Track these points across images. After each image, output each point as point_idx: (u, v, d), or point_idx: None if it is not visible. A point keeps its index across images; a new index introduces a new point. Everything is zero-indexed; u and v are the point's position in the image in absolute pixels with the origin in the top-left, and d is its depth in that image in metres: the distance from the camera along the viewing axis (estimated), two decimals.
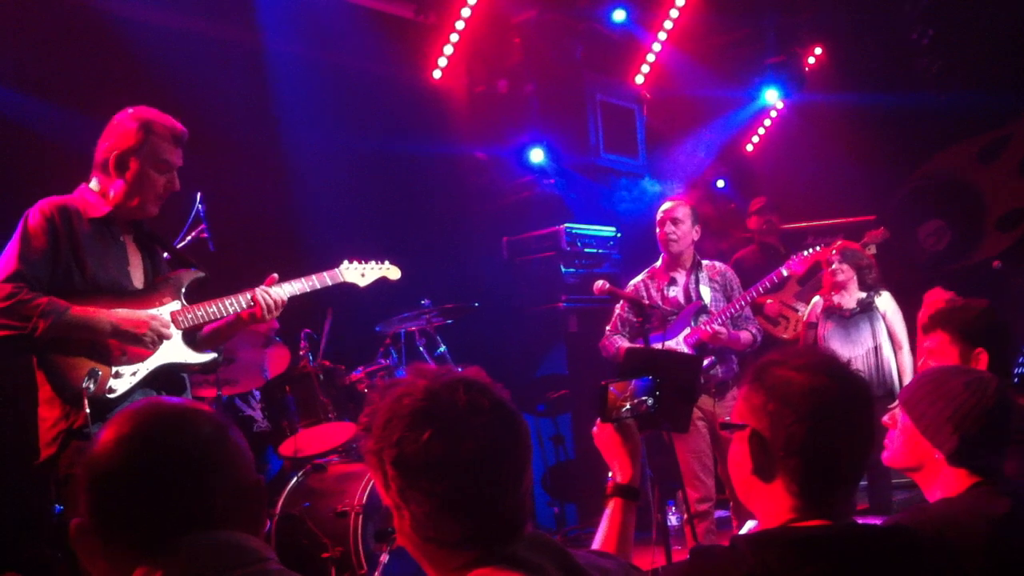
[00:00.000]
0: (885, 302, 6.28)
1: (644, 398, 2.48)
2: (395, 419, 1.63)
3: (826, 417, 1.86)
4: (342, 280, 4.31)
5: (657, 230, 5.90)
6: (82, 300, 3.55)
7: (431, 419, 1.60)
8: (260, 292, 3.89)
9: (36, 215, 3.57)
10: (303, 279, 4.10)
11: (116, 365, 3.60)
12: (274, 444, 5.63)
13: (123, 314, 3.60)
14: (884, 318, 6.23)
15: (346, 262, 4.38)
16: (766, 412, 1.91)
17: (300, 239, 6.85)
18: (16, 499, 5.06)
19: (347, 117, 7.15)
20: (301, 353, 5.72)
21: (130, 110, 3.72)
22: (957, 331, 3.51)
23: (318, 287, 4.16)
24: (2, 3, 5.50)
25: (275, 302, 3.90)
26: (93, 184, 3.74)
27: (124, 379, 3.61)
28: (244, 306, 3.88)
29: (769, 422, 1.90)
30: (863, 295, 6.28)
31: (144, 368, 3.67)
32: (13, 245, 3.52)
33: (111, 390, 3.56)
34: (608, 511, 2.36)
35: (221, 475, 1.56)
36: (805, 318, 6.56)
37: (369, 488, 4.93)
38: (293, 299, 4.04)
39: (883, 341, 6.19)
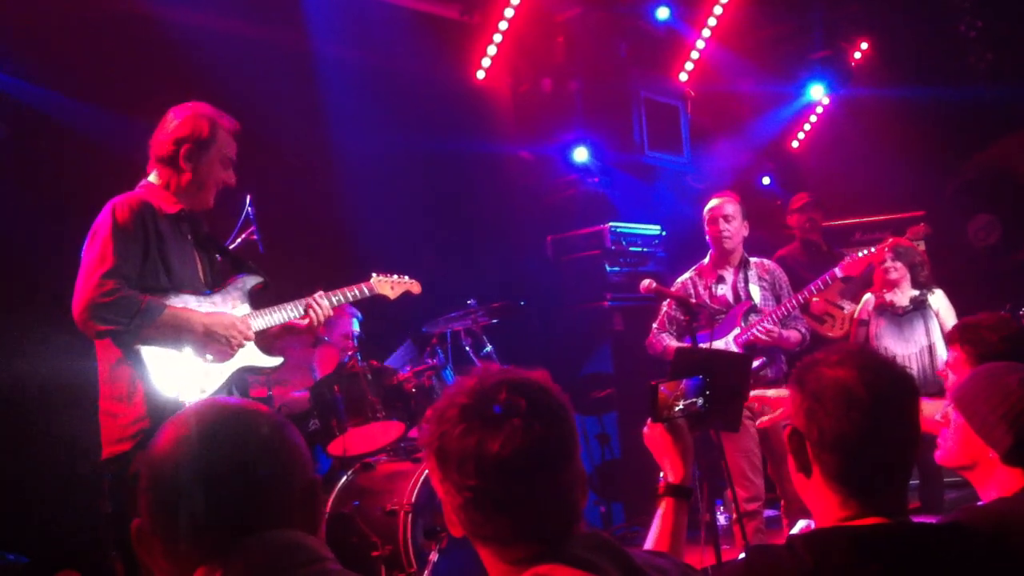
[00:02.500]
0: (938, 300, 6.21)
1: (695, 398, 2.49)
2: (444, 413, 1.68)
3: (853, 409, 1.87)
4: (376, 292, 4.54)
5: (707, 228, 5.85)
6: (167, 299, 3.62)
7: (469, 416, 1.64)
8: (313, 302, 4.04)
9: (124, 210, 3.60)
10: (344, 290, 4.30)
11: (206, 364, 3.68)
12: (323, 443, 5.68)
13: (214, 315, 3.70)
14: (937, 316, 6.16)
15: (375, 275, 4.60)
16: (803, 410, 1.93)
17: (347, 240, 6.90)
18: (70, 496, 5.15)
19: (393, 118, 7.17)
20: (349, 353, 5.76)
21: (189, 104, 3.81)
22: (974, 352, 3.28)
23: (358, 297, 4.41)
24: (54, 9, 5.59)
25: (327, 312, 4.07)
26: (153, 178, 3.80)
27: (213, 378, 3.70)
28: (300, 313, 4.03)
29: (804, 419, 1.93)
30: (915, 293, 6.21)
31: (228, 369, 3.76)
32: (105, 240, 3.55)
33: (202, 390, 3.64)
34: (660, 511, 2.36)
35: (279, 475, 1.58)
36: (856, 315, 6.50)
37: (418, 487, 4.96)
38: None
39: (937, 339, 6.10)
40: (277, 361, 4.00)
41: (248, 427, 1.59)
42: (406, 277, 4.82)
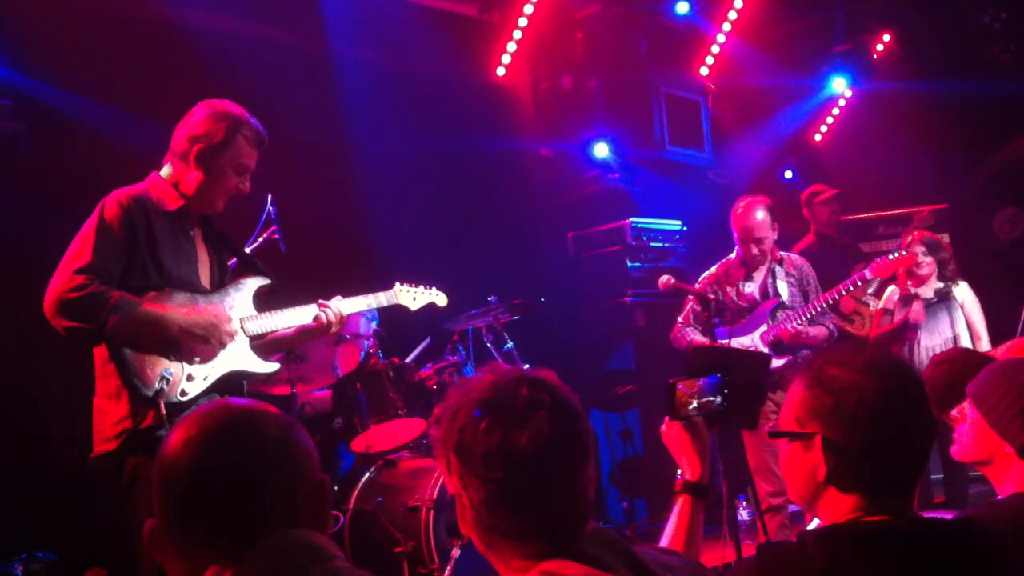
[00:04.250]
0: (963, 292, 6.20)
1: (712, 396, 2.49)
2: (462, 409, 1.70)
3: (860, 409, 1.86)
4: (396, 302, 4.51)
5: (737, 242, 5.75)
6: (157, 296, 3.55)
7: (492, 410, 1.66)
8: (323, 307, 3.96)
9: (113, 206, 3.54)
10: (362, 297, 4.26)
11: (190, 367, 3.60)
12: (346, 440, 5.72)
13: (191, 314, 3.58)
14: (962, 308, 6.16)
15: (398, 284, 4.55)
16: (810, 410, 1.93)
17: (368, 238, 6.93)
18: (97, 494, 5.18)
19: (412, 116, 7.19)
20: (371, 351, 5.79)
21: (216, 103, 3.70)
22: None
23: (375, 306, 4.40)
24: (73, 11, 5.64)
25: (336, 317, 3.98)
26: (165, 172, 3.72)
27: (196, 382, 3.60)
28: (308, 318, 3.94)
29: (813, 419, 1.93)
30: (940, 284, 6.21)
31: (214, 373, 3.67)
32: (87, 235, 3.49)
33: (183, 392, 3.55)
34: (676, 508, 2.37)
35: (288, 475, 1.60)
36: (880, 306, 6.49)
37: (440, 483, 4.98)
38: None
39: (962, 331, 6.12)
40: (270, 368, 3.88)
41: (256, 428, 1.61)
42: (433, 289, 4.73)
